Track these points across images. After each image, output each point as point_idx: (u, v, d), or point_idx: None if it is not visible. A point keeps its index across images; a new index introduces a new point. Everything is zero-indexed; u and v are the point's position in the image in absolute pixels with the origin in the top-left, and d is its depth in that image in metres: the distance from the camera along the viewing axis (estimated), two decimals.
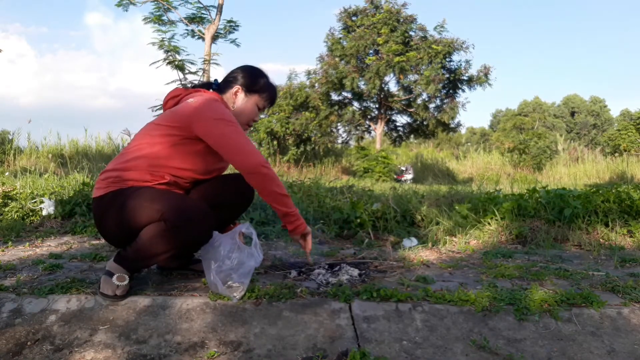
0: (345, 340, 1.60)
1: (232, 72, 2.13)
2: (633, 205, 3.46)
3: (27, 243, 2.88)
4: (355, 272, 2.20)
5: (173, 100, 2.04)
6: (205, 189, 2.02)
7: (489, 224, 3.34)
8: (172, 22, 8.66)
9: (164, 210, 1.73)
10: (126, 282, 1.79)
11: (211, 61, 8.15)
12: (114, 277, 1.79)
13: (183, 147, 1.87)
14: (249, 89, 2.07)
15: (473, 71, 18.13)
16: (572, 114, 40.09)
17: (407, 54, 17.40)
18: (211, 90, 2.11)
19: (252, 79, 2.09)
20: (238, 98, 2.06)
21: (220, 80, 2.15)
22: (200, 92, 2.02)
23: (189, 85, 2.18)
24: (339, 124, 20.09)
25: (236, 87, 2.06)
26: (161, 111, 2.16)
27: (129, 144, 1.96)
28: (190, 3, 8.80)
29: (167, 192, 1.85)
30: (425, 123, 19.33)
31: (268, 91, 2.11)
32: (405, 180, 15.80)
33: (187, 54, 8.66)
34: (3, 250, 2.68)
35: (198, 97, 1.94)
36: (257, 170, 1.84)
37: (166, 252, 1.80)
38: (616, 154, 19.77)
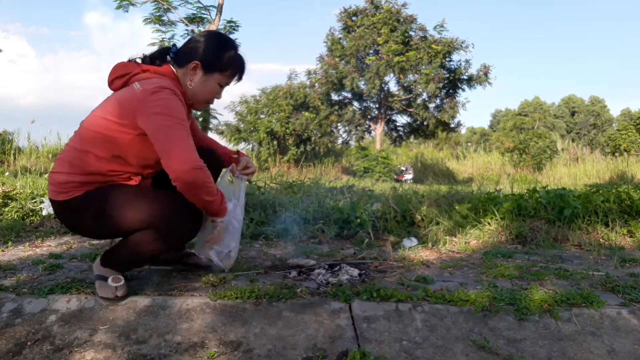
0: (345, 340, 1.60)
1: (195, 40, 1.86)
2: (633, 205, 3.45)
3: (27, 243, 2.88)
4: (355, 272, 2.20)
5: (120, 80, 1.81)
6: None
7: (489, 224, 3.33)
8: (172, 23, 8.67)
9: (151, 220, 1.71)
10: (123, 281, 1.79)
11: None
12: (110, 280, 1.78)
13: (139, 144, 1.72)
14: (209, 67, 1.82)
15: (473, 70, 18.17)
16: (572, 114, 40.08)
17: (407, 53, 17.40)
18: (168, 60, 1.87)
19: (215, 53, 1.83)
20: (196, 76, 1.83)
21: (180, 45, 1.90)
22: (149, 72, 1.80)
23: (140, 58, 1.88)
24: (339, 124, 20.09)
25: (194, 63, 1.81)
26: None
27: (82, 136, 1.74)
28: (190, 3, 8.79)
29: (148, 195, 1.79)
30: (425, 123, 19.32)
31: (232, 67, 1.87)
32: (405, 180, 15.79)
33: None
34: (3, 250, 2.68)
35: (144, 83, 1.73)
36: (179, 178, 1.65)
37: (158, 253, 1.87)
38: (616, 154, 19.75)
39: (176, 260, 2.21)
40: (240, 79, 1.93)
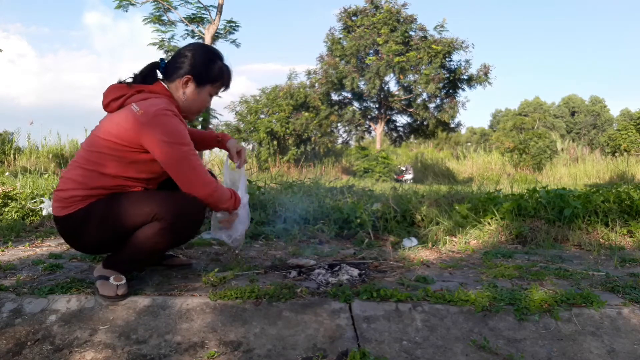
0: (345, 340, 1.60)
1: (183, 54, 1.91)
2: (633, 205, 3.45)
3: (27, 243, 2.88)
4: (355, 272, 2.20)
5: (115, 102, 1.83)
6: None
7: (489, 224, 3.33)
8: (172, 23, 8.66)
9: (156, 211, 1.74)
10: (124, 281, 1.81)
11: None
12: (111, 279, 1.80)
13: (144, 161, 1.80)
14: (200, 80, 1.89)
15: (473, 70, 18.16)
16: (572, 114, 40.05)
17: (407, 54, 17.40)
18: (158, 76, 1.91)
19: (205, 67, 1.89)
20: (188, 89, 1.89)
21: (168, 58, 1.95)
22: (145, 92, 1.83)
23: (131, 78, 1.91)
24: (339, 124, 20.09)
25: (186, 77, 1.87)
26: None
27: (85, 157, 1.81)
28: (190, 3, 8.77)
29: (152, 192, 1.86)
30: (425, 123, 19.33)
31: (222, 78, 1.95)
32: (405, 180, 15.79)
33: None
34: (3, 250, 2.68)
35: (142, 104, 1.76)
36: (203, 200, 1.84)
37: (162, 248, 1.87)
38: (616, 154, 19.74)
39: (157, 262, 2.25)
40: (227, 87, 2.02)
